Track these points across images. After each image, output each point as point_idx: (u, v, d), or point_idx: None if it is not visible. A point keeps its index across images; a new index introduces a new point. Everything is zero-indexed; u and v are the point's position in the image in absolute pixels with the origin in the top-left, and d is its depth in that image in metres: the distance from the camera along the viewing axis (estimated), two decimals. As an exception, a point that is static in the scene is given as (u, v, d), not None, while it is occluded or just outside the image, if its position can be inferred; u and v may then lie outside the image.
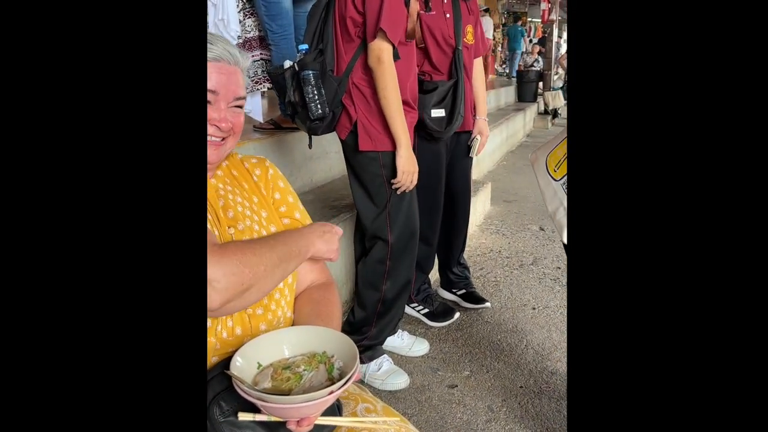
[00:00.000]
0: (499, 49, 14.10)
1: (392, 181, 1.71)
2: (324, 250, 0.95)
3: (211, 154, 0.91)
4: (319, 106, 1.60)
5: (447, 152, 2.23)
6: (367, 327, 1.89)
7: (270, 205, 1.00)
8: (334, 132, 1.78)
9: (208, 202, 0.91)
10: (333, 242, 0.96)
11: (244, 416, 0.73)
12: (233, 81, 0.90)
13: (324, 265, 1.06)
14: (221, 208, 0.92)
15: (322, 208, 2.22)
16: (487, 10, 9.92)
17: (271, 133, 2.50)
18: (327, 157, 2.75)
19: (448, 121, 2.03)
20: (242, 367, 0.78)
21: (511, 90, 8.99)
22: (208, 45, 0.86)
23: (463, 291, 2.51)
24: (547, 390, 1.87)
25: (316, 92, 1.59)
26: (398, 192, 1.74)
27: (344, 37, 1.64)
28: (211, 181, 0.95)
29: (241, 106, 0.94)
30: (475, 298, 2.48)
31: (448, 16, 2.05)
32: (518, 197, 4.52)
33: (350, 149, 1.75)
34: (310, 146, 1.87)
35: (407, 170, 1.68)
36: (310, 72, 1.59)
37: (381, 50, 1.57)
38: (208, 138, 0.89)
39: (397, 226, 1.78)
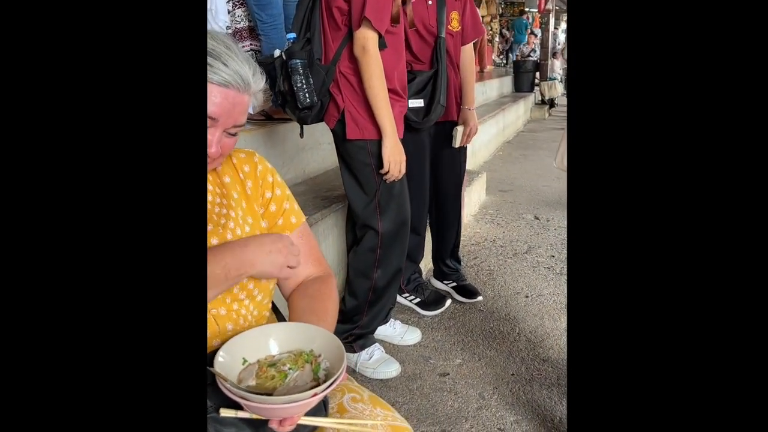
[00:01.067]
0: (497, 39, 14.04)
1: (380, 171, 1.71)
2: (270, 272, 0.86)
3: None
4: (307, 95, 1.60)
5: (431, 142, 2.22)
6: (358, 316, 1.90)
7: (251, 204, 0.96)
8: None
9: None
10: (281, 260, 0.87)
11: (226, 412, 0.73)
12: (238, 109, 0.82)
13: (321, 256, 1.04)
14: None
15: (314, 199, 2.22)
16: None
17: (263, 124, 2.50)
18: (319, 148, 2.75)
19: (426, 111, 2.02)
20: (226, 362, 0.77)
21: (507, 80, 8.96)
22: (219, 65, 0.78)
23: (455, 284, 2.52)
24: (538, 377, 1.88)
25: (303, 81, 1.58)
26: (387, 182, 1.74)
27: (331, 26, 1.63)
28: None
29: (237, 133, 0.86)
30: (468, 291, 2.48)
31: (430, 3, 2.02)
32: (514, 187, 4.52)
33: (339, 138, 1.74)
34: (301, 135, 1.86)
35: (394, 159, 1.68)
36: (298, 61, 1.58)
37: (366, 39, 1.57)
38: None
39: (387, 215, 1.79)
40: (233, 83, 0.79)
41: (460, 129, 2.25)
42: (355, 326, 1.90)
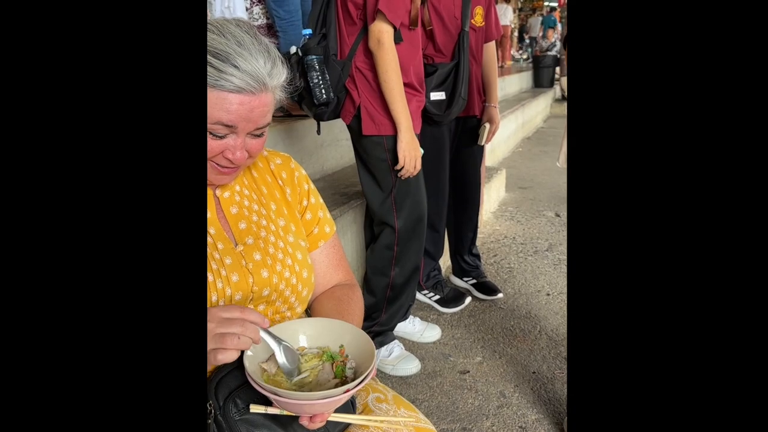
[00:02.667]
0: (515, 34, 13.91)
1: (395, 167, 1.70)
2: (216, 359, 0.67)
3: (221, 178, 0.83)
4: (323, 91, 1.59)
5: (451, 137, 2.20)
6: (377, 313, 1.89)
7: (293, 212, 0.94)
8: None
9: (222, 214, 0.87)
10: (230, 343, 0.67)
11: (255, 408, 0.72)
12: (258, 112, 0.77)
13: (348, 266, 1.04)
14: (234, 217, 0.87)
15: (332, 195, 2.22)
16: None
17: (282, 120, 2.50)
18: (338, 144, 2.74)
19: (448, 104, 2.00)
20: (255, 356, 0.76)
21: (527, 75, 8.87)
22: (229, 68, 0.72)
23: (474, 281, 2.49)
24: (560, 375, 1.85)
25: (320, 77, 1.58)
26: (402, 177, 1.72)
27: (346, 21, 1.62)
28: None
29: (263, 134, 0.82)
30: (487, 288, 2.45)
31: None
32: (534, 184, 4.46)
33: (355, 134, 1.74)
34: (318, 132, 1.86)
35: (409, 155, 1.66)
36: (314, 57, 1.58)
37: (381, 32, 1.55)
38: (218, 166, 0.81)
39: (403, 211, 1.77)
40: (246, 88, 0.74)
41: (487, 126, 2.24)
42: (374, 323, 1.89)
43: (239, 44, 0.74)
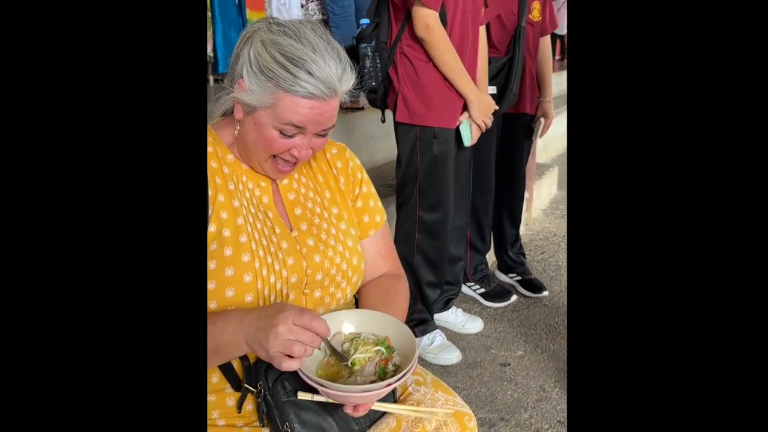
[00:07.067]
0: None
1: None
2: (281, 365, 0.71)
3: (278, 175, 0.89)
4: (371, 77, 1.64)
5: (499, 133, 2.20)
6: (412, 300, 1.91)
7: (345, 200, 0.98)
8: None
9: (279, 200, 0.91)
10: (273, 343, 0.70)
11: (303, 395, 0.78)
12: (325, 117, 0.82)
13: (397, 257, 1.06)
14: (291, 203, 0.91)
15: (379, 186, 2.25)
16: None
17: (333, 113, 2.57)
18: (389, 137, 2.78)
19: (498, 98, 2.00)
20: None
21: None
22: (303, 75, 0.77)
23: (520, 277, 2.48)
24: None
25: (370, 64, 1.63)
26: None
27: (395, 8, 1.66)
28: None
29: (327, 133, 0.87)
30: (533, 285, 2.43)
31: None
32: (587, 182, 4.36)
33: (395, 119, 1.77)
34: (383, 120, 1.90)
35: (482, 121, 1.74)
36: (366, 45, 1.63)
37: (426, 16, 1.56)
38: (278, 165, 0.86)
39: (425, 201, 1.77)
40: (318, 94, 0.78)
41: (542, 121, 2.24)
42: (412, 310, 1.91)
43: (314, 50, 0.79)
